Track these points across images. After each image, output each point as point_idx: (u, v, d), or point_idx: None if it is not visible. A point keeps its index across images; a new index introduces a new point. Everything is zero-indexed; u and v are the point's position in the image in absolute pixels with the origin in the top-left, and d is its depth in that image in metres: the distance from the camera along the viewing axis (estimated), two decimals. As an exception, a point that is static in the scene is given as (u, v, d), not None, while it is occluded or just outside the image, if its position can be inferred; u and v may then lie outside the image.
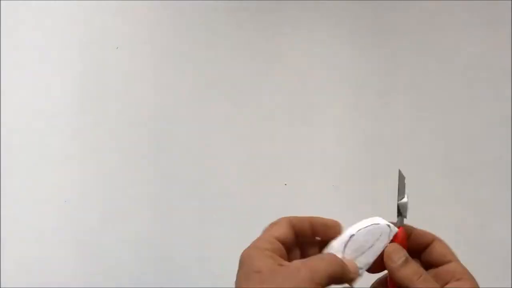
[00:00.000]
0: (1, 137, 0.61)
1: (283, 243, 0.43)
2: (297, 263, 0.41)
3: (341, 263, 0.41)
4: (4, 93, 0.62)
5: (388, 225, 0.42)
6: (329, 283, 0.40)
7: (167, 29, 0.64)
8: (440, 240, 0.45)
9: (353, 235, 0.42)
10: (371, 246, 0.42)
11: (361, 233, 0.42)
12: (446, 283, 0.42)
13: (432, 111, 0.62)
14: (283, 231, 0.43)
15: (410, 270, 0.42)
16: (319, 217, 0.45)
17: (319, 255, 0.42)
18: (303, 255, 0.44)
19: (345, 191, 0.60)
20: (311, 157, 0.60)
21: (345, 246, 0.43)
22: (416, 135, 0.61)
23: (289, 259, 0.43)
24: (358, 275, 0.42)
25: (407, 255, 0.42)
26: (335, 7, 0.63)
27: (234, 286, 0.42)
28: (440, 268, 0.43)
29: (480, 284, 0.59)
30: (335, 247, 0.42)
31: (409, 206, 0.60)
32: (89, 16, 0.64)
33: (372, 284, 0.46)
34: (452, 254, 0.44)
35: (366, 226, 0.42)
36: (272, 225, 0.44)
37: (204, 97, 0.62)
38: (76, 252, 0.59)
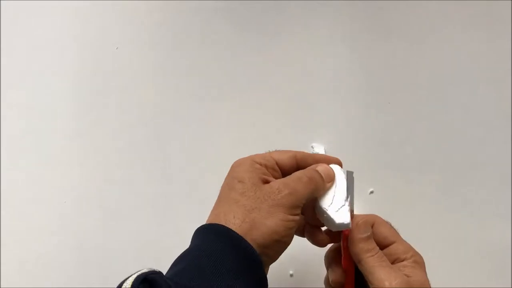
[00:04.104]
0: (1, 137, 0.61)
1: (281, 167, 0.44)
2: (278, 183, 0.41)
3: (315, 181, 0.42)
4: (4, 93, 0.62)
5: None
6: (307, 200, 0.42)
7: (167, 29, 0.64)
8: (381, 223, 0.45)
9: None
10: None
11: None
12: (393, 263, 0.43)
13: (432, 111, 0.62)
14: (284, 157, 0.44)
15: (371, 246, 0.43)
16: (322, 154, 0.48)
17: (298, 176, 0.42)
18: None
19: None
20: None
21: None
22: (416, 135, 0.61)
23: None
24: (332, 182, 0.44)
25: (371, 232, 0.43)
26: (335, 7, 0.63)
27: None
28: (385, 251, 0.44)
29: (480, 284, 0.59)
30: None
31: (409, 206, 0.61)
32: (89, 16, 0.64)
33: (326, 252, 0.47)
34: (394, 233, 0.45)
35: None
36: (276, 151, 0.45)
37: (204, 97, 0.62)
38: (76, 252, 0.59)
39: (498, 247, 0.58)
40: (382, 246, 0.44)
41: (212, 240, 0.39)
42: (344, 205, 0.44)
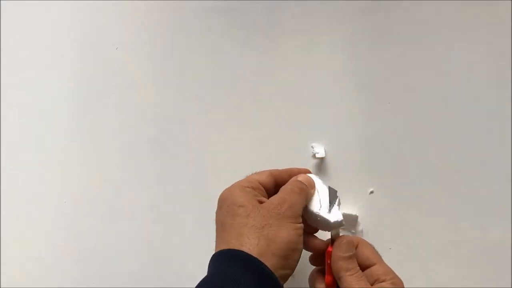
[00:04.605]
0: (1, 137, 0.61)
1: (263, 186, 0.47)
2: (277, 199, 0.44)
3: (304, 190, 0.46)
4: (4, 93, 0.62)
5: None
6: (303, 208, 0.45)
7: (167, 29, 0.64)
8: (363, 244, 0.47)
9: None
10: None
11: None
12: (372, 285, 0.44)
13: (432, 111, 0.62)
14: (264, 177, 0.47)
15: (352, 265, 0.45)
16: (294, 167, 0.50)
17: (290, 188, 0.46)
18: None
19: (345, 191, 0.60)
20: (311, 157, 0.60)
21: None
22: (416, 135, 0.61)
23: None
24: (315, 189, 0.48)
25: (354, 252, 0.46)
26: (336, 8, 0.63)
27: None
28: (366, 271, 0.46)
29: (480, 284, 0.59)
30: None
31: (409, 206, 0.61)
32: (89, 16, 0.64)
33: (311, 273, 0.48)
34: (376, 255, 0.47)
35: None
36: (254, 173, 0.48)
37: (204, 97, 0.62)
38: (76, 252, 0.59)
39: (498, 247, 0.58)
40: (364, 267, 0.47)
41: (232, 265, 0.40)
42: (333, 205, 0.47)
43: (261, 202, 0.44)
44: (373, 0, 0.64)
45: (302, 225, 0.43)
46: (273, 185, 0.48)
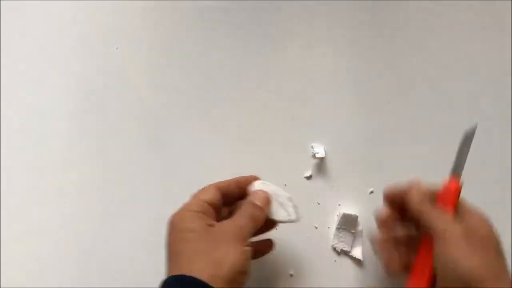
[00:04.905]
0: (1, 137, 0.61)
1: (211, 205, 0.47)
2: (226, 223, 0.45)
3: (255, 216, 0.46)
4: (4, 93, 0.62)
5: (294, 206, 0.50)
6: (253, 231, 0.46)
7: (167, 29, 0.64)
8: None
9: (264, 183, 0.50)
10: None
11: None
12: None
13: (432, 111, 0.62)
14: (211, 195, 0.47)
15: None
16: (242, 176, 0.50)
17: (241, 214, 0.46)
18: (232, 213, 0.48)
19: (345, 191, 0.60)
20: (311, 157, 0.60)
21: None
22: (416, 135, 0.61)
23: (218, 219, 0.46)
24: (270, 204, 0.48)
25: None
26: (336, 7, 0.64)
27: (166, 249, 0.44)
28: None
29: (480, 284, 0.59)
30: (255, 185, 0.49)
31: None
32: (89, 16, 0.64)
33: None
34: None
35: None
36: (200, 190, 0.48)
37: (204, 97, 0.62)
38: (76, 252, 0.59)
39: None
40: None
41: None
42: (289, 205, 0.49)
43: (211, 225, 0.45)
44: (373, 0, 0.64)
45: (250, 248, 0.44)
46: (220, 199, 0.48)
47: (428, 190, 0.47)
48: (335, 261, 0.57)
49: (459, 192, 0.47)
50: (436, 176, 0.60)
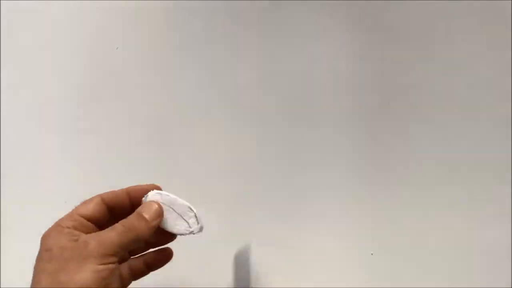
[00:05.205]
0: (1, 137, 0.61)
1: (90, 219, 0.42)
2: (87, 236, 0.40)
3: (134, 229, 0.41)
4: (4, 93, 0.62)
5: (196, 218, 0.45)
6: (125, 250, 0.41)
7: (167, 29, 0.64)
8: None
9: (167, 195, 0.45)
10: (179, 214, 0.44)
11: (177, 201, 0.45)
12: None
13: (432, 111, 0.62)
14: (91, 208, 0.43)
15: None
16: (137, 185, 0.45)
17: (113, 226, 0.41)
18: None
19: (345, 191, 0.60)
20: (311, 158, 0.60)
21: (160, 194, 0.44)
22: (416, 135, 0.61)
23: None
24: (161, 217, 0.43)
25: None
26: (336, 7, 0.63)
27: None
28: None
29: (480, 284, 0.59)
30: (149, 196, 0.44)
31: (409, 206, 0.61)
32: (89, 16, 0.64)
33: None
34: None
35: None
36: (82, 203, 0.44)
37: (204, 97, 0.62)
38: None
39: (498, 247, 0.58)
40: None
41: None
42: (190, 215, 0.45)
43: (75, 241, 0.41)
44: (373, 0, 0.64)
45: (110, 265, 0.39)
46: (105, 212, 0.43)
47: None
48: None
49: None
50: (436, 176, 0.60)
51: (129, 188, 0.45)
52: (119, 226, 0.41)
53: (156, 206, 0.43)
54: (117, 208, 0.43)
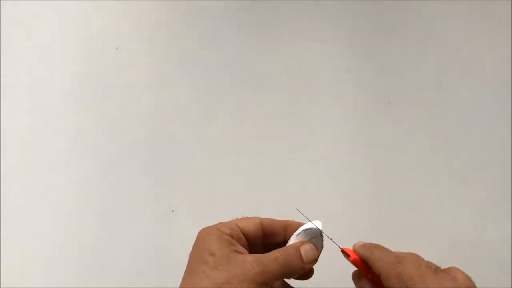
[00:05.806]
0: (1, 137, 0.61)
1: (246, 235, 0.43)
2: (252, 259, 0.40)
3: (291, 264, 0.41)
4: (4, 93, 0.62)
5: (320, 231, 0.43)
6: (277, 280, 0.41)
7: (167, 29, 0.64)
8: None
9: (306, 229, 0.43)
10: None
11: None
12: None
13: (432, 111, 0.62)
14: (252, 226, 0.43)
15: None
16: (295, 222, 0.45)
17: (276, 255, 0.41)
18: None
19: (345, 191, 0.60)
20: (311, 158, 0.60)
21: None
22: (416, 135, 0.61)
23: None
24: (313, 262, 0.42)
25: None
26: (336, 8, 0.63)
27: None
28: None
29: (480, 284, 0.59)
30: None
31: (409, 206, 0.61)
32: (89, 16, 0.64)
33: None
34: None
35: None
36: (242, 218, 0.44)
37: (204, 97, 0.62)
38: (76, 252, 0.59)
39: (498, 247, 0.58)
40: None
41: None
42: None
43: (236, 251, 0.42)
44: (373, 0, 0.64)
45: None
46: (260, 235, 0.44)
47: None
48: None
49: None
50: (436, 176, 0.60)
51: (286, 222, 0.45)
52: (281, 259, 0.42)
53: (315, 252, 0.43)
54: (269, 235, 0.44)
